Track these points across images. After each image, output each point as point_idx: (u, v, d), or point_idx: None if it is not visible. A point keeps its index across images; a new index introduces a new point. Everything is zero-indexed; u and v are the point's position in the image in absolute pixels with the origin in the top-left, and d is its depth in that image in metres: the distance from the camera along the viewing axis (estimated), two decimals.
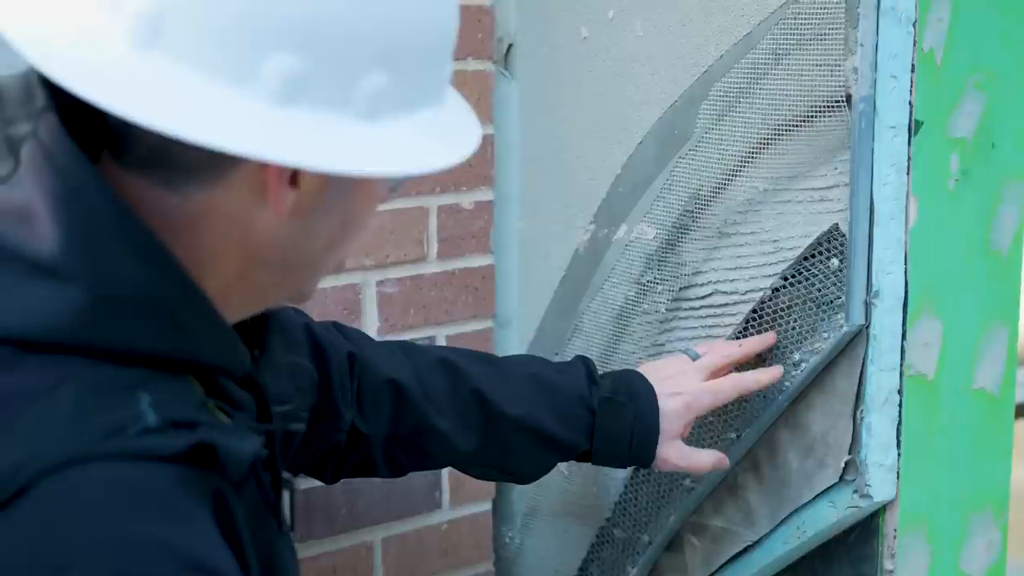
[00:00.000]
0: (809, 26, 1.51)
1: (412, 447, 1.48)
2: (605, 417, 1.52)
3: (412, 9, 0.97)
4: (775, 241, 1.59)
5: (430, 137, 1.00)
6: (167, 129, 0.90)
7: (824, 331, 1.55)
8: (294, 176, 0.98)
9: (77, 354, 0.93)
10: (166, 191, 0.98)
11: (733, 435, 1.63)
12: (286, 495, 1.16)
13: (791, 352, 1.58)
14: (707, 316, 1.67)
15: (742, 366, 1.59)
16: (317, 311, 1.69)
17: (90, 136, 0.99)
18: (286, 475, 1.16)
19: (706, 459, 1.57)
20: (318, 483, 1.52)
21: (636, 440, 1.52)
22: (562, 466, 1.85)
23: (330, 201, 1.01)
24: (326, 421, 1.41)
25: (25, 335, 0.93)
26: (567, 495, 1.88)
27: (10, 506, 0.87)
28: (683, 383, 1.55)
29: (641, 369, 1.59)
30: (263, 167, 0.96)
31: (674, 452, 1.55)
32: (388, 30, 0.95)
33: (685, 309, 1.69)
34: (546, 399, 1.51)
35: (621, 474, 1.78)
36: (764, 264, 1.60)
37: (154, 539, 0.89)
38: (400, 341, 1.57)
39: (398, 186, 1.10)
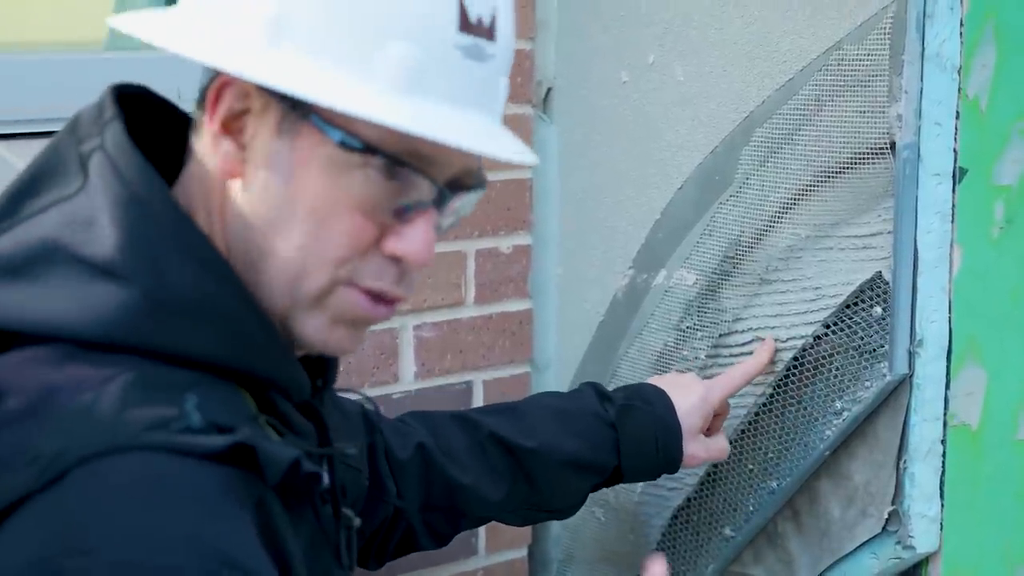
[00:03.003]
0: (852, 72, 1.50)
1: (446, 510, 1.47)
2: (626, 426, 1.51)
3: None
4: (817, 288, 1.57)
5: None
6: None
7: (867, 380, 1.53)
8: (225, 125, 1.01)
9: (133, 353, 0.94)
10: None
11: (774, 484, 1.61)
12: (344, 533, 1.15)
13: (833, 400, 1.56)
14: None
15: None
16: (354, 356, 1.68)
17: (155, 145, 1.04)
18: (346, 511, 1.15)
19: (725, 443, 1.59)
20: None
21: (661, 443, 1.52)
22: (598, 512, 1.84)
23: (278, 171, 1.00)
24: (375, 495, 1.40)
25: (83, 333, 0.94)
26: (603, 542, 1.86)
27: (48, 490, 0.88)
28: (691, 381, 1.58)
29: (648, 380, 1.60)
30: (217, 99, 1.00)
31: (699, 447, 1.56)
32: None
33: (725, 356, 1.67)
34: (562, 424, 1.51)
35: (658, 521, 1.77)
36: (806, 311, 1.58)
37: (183, 531, 0.88)
38: (410, 412, 1.54)
39: (454, 223, 1.08)
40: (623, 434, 1.51)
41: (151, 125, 1.08)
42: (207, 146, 1.02)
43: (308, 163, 0.99)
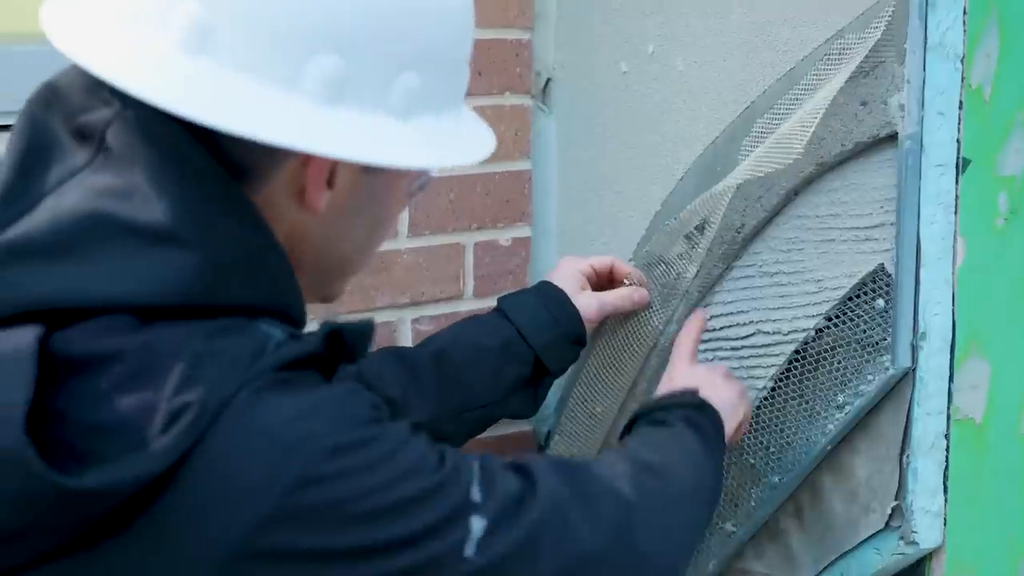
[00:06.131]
0: (855, 62, 1.48)
1: None
2: (510, 303, 1.59)
3: (439, 15, 1.05)
4: (819, 280, 1.56)
5: (457, 136, 1.09)
6: (220, 124, 0.96)
7: (869, 373, 1.51)
8: (331, 176, 1.04)
9: (194, 316, 0.97)
10: None
11: (776, 479, 1.60)
12: None
13: (835, 394, 1.54)
14: (749, 356, 1.64)
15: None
16: None
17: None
18: None
19: (626, 290, 1.67)
20: None
21: (550, 305, 1.59)
22: None
23: (361, 201, 1.08)
24: None
25: (148, 301, 0.96)
26: None
27: (210, 432, 0.93)
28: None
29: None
30: (304, 167, 1.02)
31: (592, 298, 1.63)
32: (419, 33, 1.03)
33: (726, 349, 1.66)
34: (459, 327, 1.59)
35: None
36: (807, 304, 1.57)
37: (337, 397, 0.98)
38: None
39: (423, 187, 1.16)
40: (511, 310, 1.58)
41: None
42: (285, 186, 1.04)
43: (388, 191, 1.10)
